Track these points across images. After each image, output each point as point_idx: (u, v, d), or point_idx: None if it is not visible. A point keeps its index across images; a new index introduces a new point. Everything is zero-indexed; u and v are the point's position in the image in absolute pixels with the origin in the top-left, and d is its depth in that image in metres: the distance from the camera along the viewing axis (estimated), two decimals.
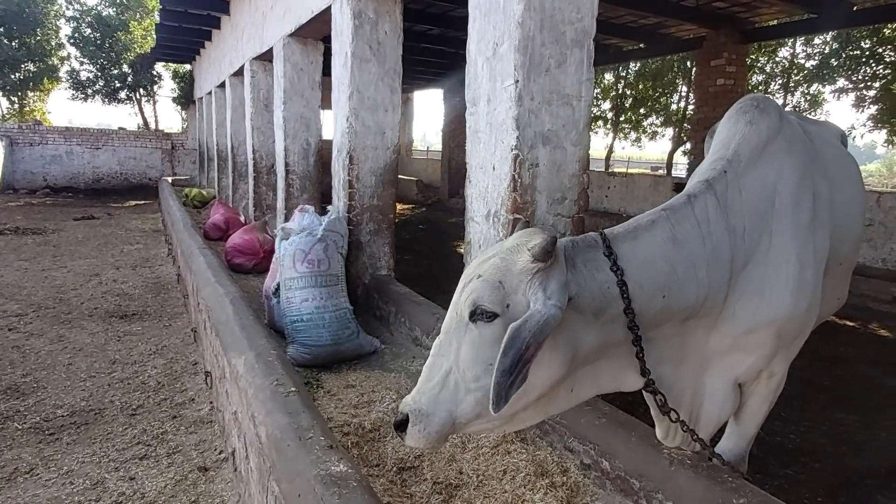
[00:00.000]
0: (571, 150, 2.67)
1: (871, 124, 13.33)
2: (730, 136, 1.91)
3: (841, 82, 13.60)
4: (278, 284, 4.09)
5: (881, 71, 12.68)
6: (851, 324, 6.23)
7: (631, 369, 1.65)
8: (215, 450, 3.01)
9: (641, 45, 11.30)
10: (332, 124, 5.12)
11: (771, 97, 2.11)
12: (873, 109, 13.11)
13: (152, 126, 22.91)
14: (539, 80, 2.55)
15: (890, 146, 14.96)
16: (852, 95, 13.37)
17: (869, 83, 12.96)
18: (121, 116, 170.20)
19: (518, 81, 2.52)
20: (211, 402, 3.50)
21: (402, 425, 1.55)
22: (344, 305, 3.94)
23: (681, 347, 1.75)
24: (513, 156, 2.56)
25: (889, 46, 12.17)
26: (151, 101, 23.37)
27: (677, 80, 17.08)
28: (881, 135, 14.62)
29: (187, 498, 2.58)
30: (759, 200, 1.81)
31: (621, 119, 19.13)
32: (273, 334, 3.24)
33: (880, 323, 6.35)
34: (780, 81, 15.58)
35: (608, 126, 18.97)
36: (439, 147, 21.06)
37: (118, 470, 2.80)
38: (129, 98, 22.18)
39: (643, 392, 1.74)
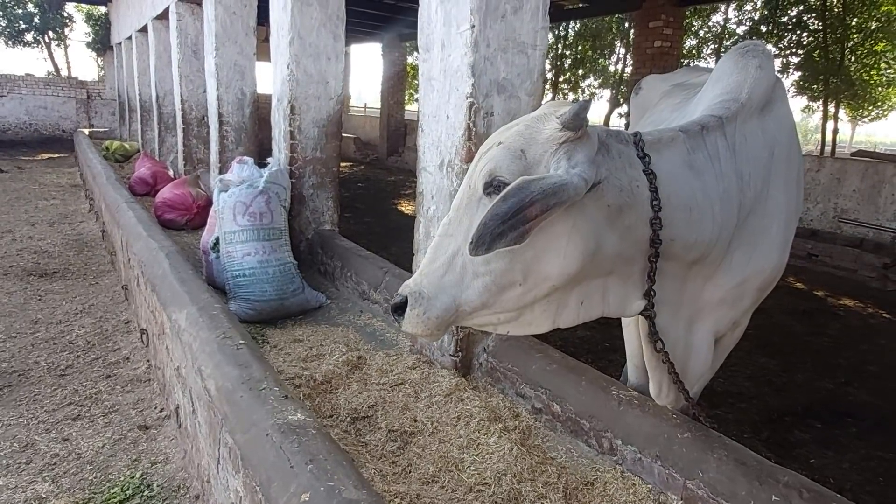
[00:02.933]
0: (526, 99, 2.64)
1: (795, 90, 14.03)
2: (740, 80, 1.80)
3: (769, 48, 14.16)
4: (217, 238, 3.90)
5: (805, 39, 13.30)
6: None
7: (637, 294, 1.58)
8: (156, 408, 2.89)
9: (582, 5, 11.30)
10: (267, 77, 4.85)
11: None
12: (797, 76, 13.80)
13: (64, 73, 21.05)
14: (495, 25, 2.49)
15: (809, 112, 15.84)
16: (778, 62, 13.99)
17: (794, 50, 13.58)
18: (28, 62, 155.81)
19: (474, 27, 2.44)
20: (148, 361, 3.35)
21: (399, 308, 1.43)
22: (288, 260, 3.82)
23: (681, 293, 1.71)
24: (468, 104, 2.51)
25: (813, 15, 12.74)
26: (63, 46, 21.48)
27: (615, 42, 17.30)
28: (799, 103, 15.41)
29: (128, 456, 2.48)
30: (762, 148, 1.76)
31: (560, 80, 19.28)
32: (213, 290, 3.09)
33: (796, 277, 6.82)
34: (713, 46, 16.09)
35: (547, 86, 19.06)
36: (375, 105, 20.58)
37: (49, 431, 2.64)
38: (36, 41, 20.20)
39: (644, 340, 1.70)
